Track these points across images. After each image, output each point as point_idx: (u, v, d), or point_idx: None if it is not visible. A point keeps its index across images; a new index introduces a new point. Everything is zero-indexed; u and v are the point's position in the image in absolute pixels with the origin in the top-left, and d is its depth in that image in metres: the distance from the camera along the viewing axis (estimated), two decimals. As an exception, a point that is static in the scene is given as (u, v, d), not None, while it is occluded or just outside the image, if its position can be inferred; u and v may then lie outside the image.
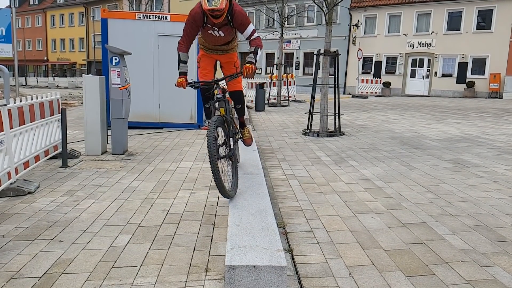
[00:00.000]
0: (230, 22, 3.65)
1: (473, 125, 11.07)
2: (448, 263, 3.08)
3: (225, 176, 3.56)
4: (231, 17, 3.60)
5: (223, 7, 3.36)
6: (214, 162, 3.18)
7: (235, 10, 3.58)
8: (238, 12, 3.60)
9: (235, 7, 3.59)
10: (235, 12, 3.58)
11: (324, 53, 9.16)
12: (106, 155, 6.86)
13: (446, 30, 25.44)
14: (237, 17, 3.60)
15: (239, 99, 4.15)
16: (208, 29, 3.72)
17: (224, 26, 3.69)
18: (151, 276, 2.86)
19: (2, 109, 4.45)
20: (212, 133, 3.25)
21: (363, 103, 19.21)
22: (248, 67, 3.59)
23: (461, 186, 5.12)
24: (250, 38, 3.71)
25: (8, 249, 3.26)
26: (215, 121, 3.41)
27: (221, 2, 3.32)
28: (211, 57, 4.02)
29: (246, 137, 4.29)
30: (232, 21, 3.62)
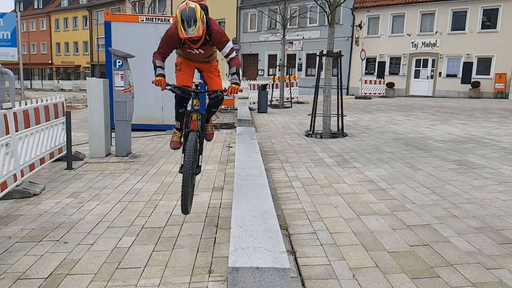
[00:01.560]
0: (209, 41, 3.60)
1: (479, 125, 11.01)
2: (453, 265, 3.06)
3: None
4: (209, 36, 3.54)
5: (200, 35, 3.28)
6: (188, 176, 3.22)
7: (212, 29, 3.51)
8: (216, 31, 3.54)
9: (213, 27, 3.52)
10: (213, 32, 3.52)
11: (327, 54, 9.16)
12: (110, 157, 6.89)
13: (450, 30, 25.32)
14: (215, 36, 3.55)
15: (218, 103, 4.00)
16: (187, 48, 3.69)
17: (202, 46, 3.63)
18: (155, 277, 2.87)
19: (8, 112, 4.49)
20: (192, 147, 3.32)
21: (366, 104, 19.17)
22: (234, 87, 3.56)
23: (466, 187, 5.10)
24: (229, 56, 3.65)
25: (15, 250, 3.28)
26: (194, 140, 3.45)
27: (198, 30, 3.23)
28: (191, 64, 3.96)
29: (208, 132, 4.19)
30: (211, 40, 3.58)
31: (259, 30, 33.38)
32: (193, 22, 3.20)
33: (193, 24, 3.20)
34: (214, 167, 6.30)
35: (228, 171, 6.00)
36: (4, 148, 4.38)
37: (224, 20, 35.47)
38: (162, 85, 3.51)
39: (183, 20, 3.19)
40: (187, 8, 3.22)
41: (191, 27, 3.20)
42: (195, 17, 3.20)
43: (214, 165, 6.47)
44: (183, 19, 3.19)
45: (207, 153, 7.41)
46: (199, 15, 3.23)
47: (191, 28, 3.20)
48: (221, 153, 7.41)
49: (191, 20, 3.19)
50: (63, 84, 43.72)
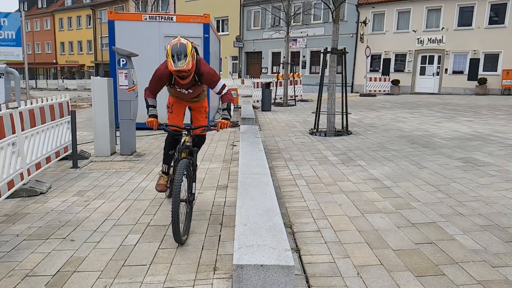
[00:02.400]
0: (198, 82, 3.64)
1: (485, 123, 10.94)
2: (459, 263, 3.06)
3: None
4: (198, 77, 3.59)
5: (189, 68, 3.31)
6: (176, 203, 3.11)
7: (202, 71, 3.57)
8: (206, 73, 3.59)
9: (203, 68, 3.57)
10: (203, 73, 3.58)
11: (331, 51, 9.13)
12: (115, 156, 6.93)
13: (457, 25, 25.10)
14: (206, 77, 3.61)
15: (200, 144, 4.09)
16: (176, 89, 3.75)
17: (192, 86, 3.70)
18: (161, 274, 2.89)
19: (14, 112, 4.53)
20: (181, 174, 3.21)
21: (371, 102, 19.11)
22: (223, 122, 3.58)
23: (472, 185, 5.08)
24: (221, 93, 3.70)
25: (22, 248, 3.32)
26: (185, 165, 3.37)
27: (187, 63, 3.27)
28: (182, 103, 4.02)
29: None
30: (200, 81, 3.63)
31: (262, 28, 33.32)
32: (183, 56, 3.27)
33: (183, 58, 3.26)
34: (218, 166, 6.31)
35: (232, 170, 6.02)
36: (10, 147, 4.42)
37: (227, 18, 35.46)
38: (155, 126, 3.53)
39: (173, 55, 3.26)
40: (178, 44, 3.31)
41: (181, 61, 3.26)
42: (186, 52, 3.28)
43: (218, 163, 6.48)
44: (173, 54, 3.26)
45: (211, 151, 7.43)
46: (190, 51, 3.30)
47: (180, 61, 3.26)
48: (225, 152, 7.43)
49: (182, 54, 3.26)
50: (67, 83, 43.91)
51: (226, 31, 35.59)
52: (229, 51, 34.79)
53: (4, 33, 11.18)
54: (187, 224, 3.52)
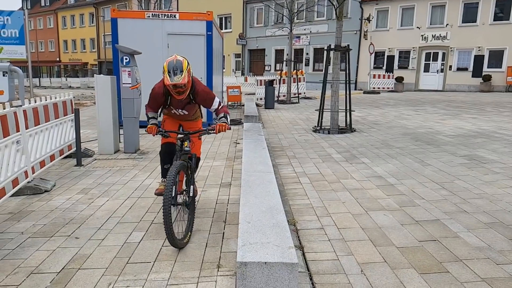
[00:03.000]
0: (192, 100, 3.66)
1: (490, 120, 10.89)
2: (463, 260, 3.05)
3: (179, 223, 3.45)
4: (193, 96, 3.61)
5: (185, 82, 3.34)
6: (167, 207, 3.02)
7: (197, 90, 3.60)
8: (201, 91, 3.62)
9: (198, 87, 3.61)
10: (198, 92, 3.60)
11: (334, 49, 9.10)
12: (119, 154, 6.95)
13: (461, 22, 24.91)
14: (201, 96, 3.63)
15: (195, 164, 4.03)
16: (171, 109, 3.78)
17: (187, 105, 3.71)
18: (165, 271, 2.90)
19: (17, 110, 4.55)
20: (173, 177, 3.13)
21: (375, 99, 19.05)
22: (222, 125, 3.56)
23: (476, 182, 5.06)
24: (218, 109, 3.72)
25: (27, 245, 3.34)
26: (179, 165, 3.31)
27: (183, 78, 3.31)
28: (174, 121, 4.02)
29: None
30: (195, 99, 3.65)
31: (265, 25, 33.24)
32: (179, 71, 3.31)
33: (179, 73, 3.30)
34: (222, 163, 6.32)
35: (236, 167, 6.02)
36: (15, 145, 4.44)
37: (231, 15, 35.41)
38: (153, 131, 3.55)
39: (170, 70, 3.31)
40: (175, 60, 3.35)
41: (177, 75, 3.30)
42: (182, 68, 3.32)
43: (222, 161, 6.49)
44: (170, 69, 3.31)
45: (214, 149, 7.44)
46: (186, 67, 3.35)
47: (176, 76, 3.30)
48: (228, 149, 7.43)
49: (178, 70, 3.31)
50: (71, 81, 44.00)
51: (229, 28, 35.55)
52: (232, 49, 34.76)
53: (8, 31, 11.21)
54: (187, 229, 3.42)
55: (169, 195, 3.04)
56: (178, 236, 3.21)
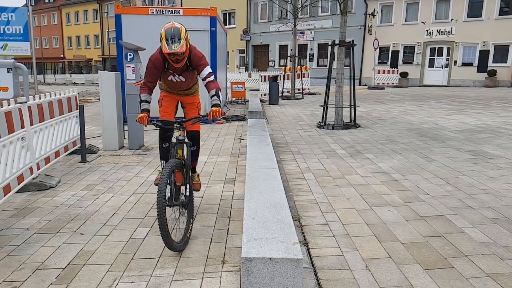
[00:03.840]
0: (189, 66, 3.62)
1: (495, 115, 10.81)
2: (468, 256, 3.04)
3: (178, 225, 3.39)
4: (189, 61, 3.58)
5: (183, 51, 3.29)
6: (161, 208, 2.89)
7: (193, 54, 3.57)
8: (194, 54, 3.58)
9: (193, 51, 3.58)
10: (193, 56, 3.57)
11: (339, 44, 9.06)
12: (123, 150, 6.97)
13: (466, 17, 24.72)
14: (194, 59, 3.58)
15: (195, 140, 3.95)
16: (168, 75, 3.70)
17: (184, 72, 3.67)
18: (170, 267, 2.91)
19: (22, 106, 4.57)
20: (166, 177, 3.02)
21: (379, 95, 18.96)
22: (215, 110, 3.43)
23: (481, 178, 5.03)
24: (206, 79, 3.62)
25: (33, 241, 3.36)
26: (173, 164, 3.20)
27: (182, 46, 3.26)
28: (173, 97, 3.96)
29: (195, 181, 4.06)
30: (191, 64, 3.61)
31: (269, 21, 33.13)
32: (177, 39, 3.26)
33: (177, 41, 3.26)
34: (226, 159, 6.32)
35: (240, 163, 6.02)
36: (20, 141, 4.46)
37: (234, 11, 35.31)
38: (145, 122, 3.43)
39: (167, 38, 3.26)
40: (172, 27, 3.30)
41: (175, 44, 3.25)
42: (180, 36, 3.27)
43: (226, 157, 6.49)
44: (167, 37, 3.26)
45: (218, 145, 7.45)
46: (184, 35, 3.30)
47: (175, 44, 3.25)
48: (232, 145, 7.43)
49: (175, 37, 3.26)
50: (75, 78, 44.14)
51: (233, 24, 35.46)
52: (236, 45, 34.70)
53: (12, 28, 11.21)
54: (185, 230, 3.30)
55: (162, 196, 2.90)
56: (176, 239, 3.11)
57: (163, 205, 2.89)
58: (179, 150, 3.46)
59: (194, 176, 4.10)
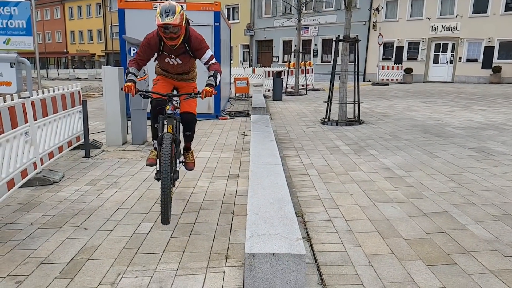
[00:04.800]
0: (188, 50, 3.54)
1: (499, 112, 10.75)
2: (470, 252, 3.03)
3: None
4: (188, 44, 3.50)
5: (176, 23, 3.23)
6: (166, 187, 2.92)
7: (191, 35, 3.50)
8: (194, 37, 3.51)
9: (192, 33, 3.51)
10: (191, 38, 3.49)
11: (343, 40, 9.01)
12: (127, 145, 6.98)
13: (471, 12, 24.52)
14: (194, 42, 3.50)
15: (190, 125, 3.88)
16: (165, 57, 3.62)
17: (181, 54, 3.58)
18: (173, 262, 2.93)
19: (25, 101, 4.58)
20: (168, 154, 3.03)
21: (383, 91, 18.89)
22: (208, 90, 3.41)
23: (485, 174, 5.01)
24: (209, 63, 3.57)
25: (37, 236, 3.38)
26: (170, 145, 3.19)
27: (175, 19, 3.21)
28: (169, 81, 3.86)
29: (189, 160, 4.04)
30: (189, 47, 3.52)
31: (273, 16, 32.99)
32: (171, 13, 3.23)
33: (171, 15, 3.23)
34: (230, 155, 6.33)
35: (244, 159, 6.03)
36: (23, 136, 4.48)
37: (238, 6, 35.17)
38: (132, 91, 3.36)
39: (162, 12, 3.24)
40: (168, 3, 3.29)
41: (169, 17, 3.22)
42: (174, 11, 3.25)
43: (229, 153, 6.50)
44: (162, 11, 3.25)
45: (222, 141, 7.45)
46: (179, 11, 3.27)
47: (168, 17, 3.22)
48: (236, 141, 7.43)
49: (170, 11, 3.23)
50: (78, 72, 44.20)
51: (236, 19, 35.34)
52: (239, 40, 34.58)
53: (15, 22, 11.21)
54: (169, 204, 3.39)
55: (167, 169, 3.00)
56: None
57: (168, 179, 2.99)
58: (169, 126, 3.40)
59: (188, 155, 4.06)
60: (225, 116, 10.48)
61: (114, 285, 2.63)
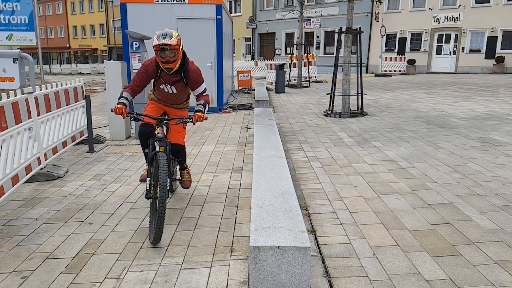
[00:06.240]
0: (183, 78, 3.58)
1: (503, 102, 10.68)
2: (475, 243, 3.03)
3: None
4: (184, 74, 3.54)
5: (174, 44, 3.26)
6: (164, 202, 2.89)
7: (190, 67, 3.54)
8: (193, 70, 3.56)
9: (191, 66, 3.56)
10: (190, 70, 3.54)
11: (346, 31, 8.95)
12: (130, 140, 6.99)
13: (474, 3, 24.26)
14: (192, 74, 3.55)
15: (178, 155, 3.89)
16: (160, 83, 3.64)
17: (177, 83, 3.61)
18: (178, 256, 2.94)
19: (29, 97, 4.58)
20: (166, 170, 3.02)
21: (386, 82, 18.79)
22: (199, 115, 3.43)
23: (489, 165, 4.99)
24: (200, 95, 3.64)
25: (42, 231, 3.40)
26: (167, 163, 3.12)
27: (172, 40, 3.25)
28: (159, 106, 3.85)
29: (186, 178, 4.04)
30: (186, 77, 3.56)
31: (275, 8, 32.77)
32: (168, 36, 3.28)
33: (168, 37, 3.28)
34: (233, 148, 6.32)
35: (247, 152, 6.02)
36: (27, 132, 4.49)
37: (240, -1, 34.96)
38: (123, 113, 3.32)
39: (159, 35, 3.29)
40: (165, 29, 3.35)
41: (166, 38, 3.26)
42: (172, 35, 3.30)
43: (233, 146, 6.49)
44: (159, 34, 3.29)
45: (225, 134, 7.44)
46: (176, 36, 3.33)
47: (165, 39, 3.26)
48: (239, 134, 7.43)
49: (167, 35, 3.28)
50: (81, 67, 44.13)
51: (238, 12, 35.15)
52: (242, 33, 34.42)
53: (17, 17, 11.18)
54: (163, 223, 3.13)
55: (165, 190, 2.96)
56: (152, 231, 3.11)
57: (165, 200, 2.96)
58: (161, 147, 3.38)
59: (183, 173, 4.08)
60: (228, 109, 10.47)
61: (120, 280, 2.65)
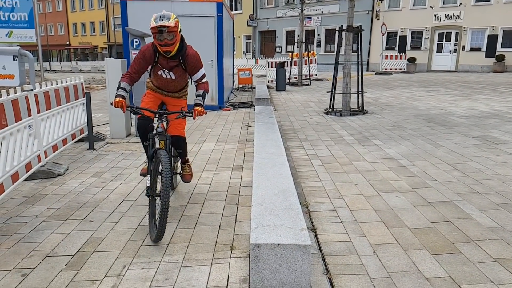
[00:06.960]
0: (182, 63, 3.53)
1: (503, 100, 10.67)
2: (475, 241, 3.03)
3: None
4: (183, 59, 3.49)
5: (172, 25, 3.21)
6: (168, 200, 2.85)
7: (188, 52, 3.49)
8: (192, 55, 3.51)
9: (189, 50, 3.51)
10: (189, 54, 3.49)
11: (346, 29, 8.93)
12: (131, 137, 6.99)
13: (475, 1, 24.21)
14: (191, 59, 3.50)
15: (179, 145, 3.85)
16: (158, 69, 3.59)
17: (175, 68, 3.56)
18: (179, 253, 2.94)
19: (29, 94, 4.58)
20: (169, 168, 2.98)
21: (387, 80, 18.77)
22: (198, 110, 3.39)
23: (489, 163, 4.99)
24: (199, 82, 3.59)
25: (42, 229, 3.40)
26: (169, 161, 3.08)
27: (170, 23, 3.21)
28: (157, 96, 3.80)
29: (186, 173, 4.00)
30: (185, 62, 3.51)
31: (276, 6, 32.71)
32: (166, 18, 3.24)
33: (166, 19, 3.24)
34: (234, 146, 6.32)
35: (248, 150, 6.02)
36: (27, 129, 4.49)
37: (240, -4, 34.88)
38: (123, 107, 3.29)
39: (156, 17, 3.25)
40: (163, 11, 3.30)
41: (164, 20, 3.23)
42: (169, 16, 3.26)
43: (234, 144, 6.49)
44: (157, 17, 3.25)
45: (226, 132, 7.44)
46: (174, 17, 3.29)
47: (163, 21, 3.23)
48: (240, 132, 7.42)
49: (165, 17, 3.24)
50: (81, 65, 44.09)
51: (239, 9, 35.08)
52: (242, 30, 34.37)
53: (17, 14, 11.16)
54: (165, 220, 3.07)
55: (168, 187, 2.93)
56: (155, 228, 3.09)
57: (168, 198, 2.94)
58: (161, 142, 3.38)
59: (185, 167, 4.07)
60: (228, 107, 10.46)
61: (120, 277, 2.65)
